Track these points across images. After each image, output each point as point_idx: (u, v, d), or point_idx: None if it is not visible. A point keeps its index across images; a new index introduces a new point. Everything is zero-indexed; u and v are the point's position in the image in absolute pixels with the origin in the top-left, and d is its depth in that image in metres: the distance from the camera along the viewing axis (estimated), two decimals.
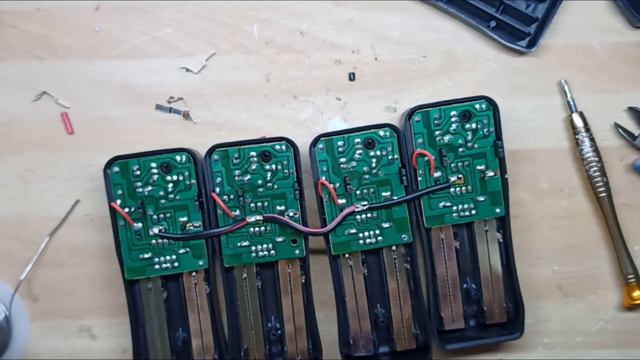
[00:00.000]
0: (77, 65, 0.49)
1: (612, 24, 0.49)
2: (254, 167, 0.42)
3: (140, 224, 0.43)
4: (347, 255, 0.44)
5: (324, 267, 0.45)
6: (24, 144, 0.48)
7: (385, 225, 0.44)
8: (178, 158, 0.43)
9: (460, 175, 0.44)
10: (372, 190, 0.44)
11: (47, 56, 0.49)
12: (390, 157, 0.43)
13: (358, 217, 0.43)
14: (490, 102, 0.44)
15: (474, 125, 0.44)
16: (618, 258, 0.48)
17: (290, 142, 0.42)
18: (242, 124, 0.48)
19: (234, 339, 0.44)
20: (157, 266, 0.43)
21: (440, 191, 0.44)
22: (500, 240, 0.45)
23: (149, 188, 0.43)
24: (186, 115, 0.48)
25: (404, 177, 0.44)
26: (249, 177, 0.43)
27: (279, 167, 0.43)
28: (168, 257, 0.43)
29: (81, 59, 0.49)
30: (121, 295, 0.44)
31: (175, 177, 0.43)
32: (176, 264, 0.43)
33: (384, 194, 0.44)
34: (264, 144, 0.42)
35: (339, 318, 0.44)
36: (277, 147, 0.42)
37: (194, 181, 0.43)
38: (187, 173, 0.43)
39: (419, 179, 0.44)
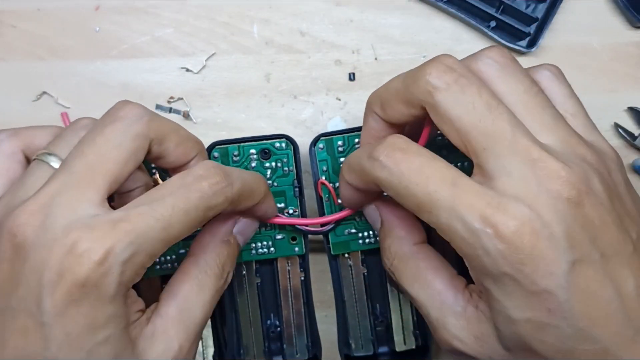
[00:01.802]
0: (77, 65, 0.49)
1: (612, 24, 0.49)
2: (253, 164, 0.42)
3: None
4: (346, 255, 0.44)
5: (324, 267, 0.45)
6: None
7: None
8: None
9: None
10: None
11: (47, 56, 0.49)
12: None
13: (357, 217, 0.43)
14: None
15: None
16: None
17: (290, 140, 0.42)
18: (242, 124, 0.48)
19: (233, 337, 0.44)
20: (157, 267, 0.43)
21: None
22: None
23: None
24: (186, 115, 0.48)
25: None
26: None
27: (279, 164, 0.42)
28: (169, 258, 0.43)
29: (81, 59, 0.49)
30: None
31: None
32: (176, 264, 0.43)
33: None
34: (264, 142, 0.42)
35: (339, 318, 0.44)
36: (277, 144, 0.42)
37: None
38: None
39: None
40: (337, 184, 0.43)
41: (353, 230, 0.43)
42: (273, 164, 0.42)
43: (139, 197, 0.33)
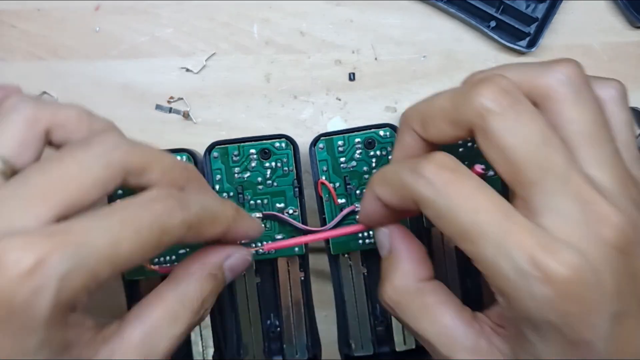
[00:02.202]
0: (77, 65, 0.49)
1: (612, 24, 0.49)
2: (253, 164, 0.42)
3: None
4: (346, 255, 0.44)
5: (324, 267, 0.45)
6: None
7: None
8: (178, 158, 0.43)
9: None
10: None
11: (47, 56, 0.49)
12: (390, 157, 0.43)
13: (357, 216, 0.43)
14: None
15: None
16: None
17: (289, 140, 0.42)
18: (242, 124, 0.49)
19: (233, 337, 0.44)
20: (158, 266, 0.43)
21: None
22: None
23: None
24: (186, 115, 0.48)
25: None
26: (248, 174, 0.42)
27: (279, 164, 0.42)
28: (168, 258, 0.43)
29: (81, 59, 0.49)
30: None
31: None
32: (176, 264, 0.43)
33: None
34: (264, 141, 0.42)
35: (339, 318, 0.44)
36: (277, 144, 0.42)
37: None
38: None
39: None
40: (337, 184, 0.43)
41: None
42: (273, 163, 0.43)
43: (86, 213, 0.29)
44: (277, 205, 0.43)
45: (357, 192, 0.43)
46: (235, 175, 0.43)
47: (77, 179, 0.29)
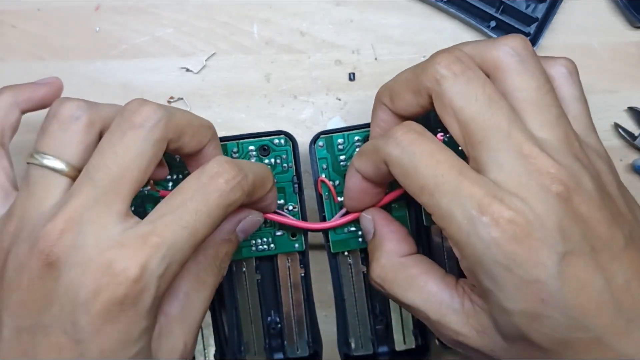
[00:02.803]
0: (77, 65, 0.49)
1: (612, 24, 0.49)
2: (252, 161, 0.42)
3: None
4: (346, 254, 0.44)
5: (324, 267, 0.45)
6: (24, 144, 0.47)
7: None
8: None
9: None
10: None
11: (47, 56, 0.49)
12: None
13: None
14: None
15: None
16: None
17: (288, 136, 0.42)
18: (242, 124, 0.49)
19: (234, 334, 0.43)
20: None
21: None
22: None
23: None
24: None
25: None
26: None
27: (278, 161, 0.42)
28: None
29: (81, 59, 0.49)
30: None
31: (174, 177, 0.43)
32: None
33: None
34: (263, 138, 0.42)
35: (338, 317, 0.44)
36: (276, 141, 0.42)
37: None
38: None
39: None
40: (337, 182, 0.43)
41: (353, 228, 0.43)
42: (272, 160, 0.42)
43: (161, 205, 0.33)
44: (277, 201, 0.42)
45: None
46: None
47: (135, 164, 0.33)
